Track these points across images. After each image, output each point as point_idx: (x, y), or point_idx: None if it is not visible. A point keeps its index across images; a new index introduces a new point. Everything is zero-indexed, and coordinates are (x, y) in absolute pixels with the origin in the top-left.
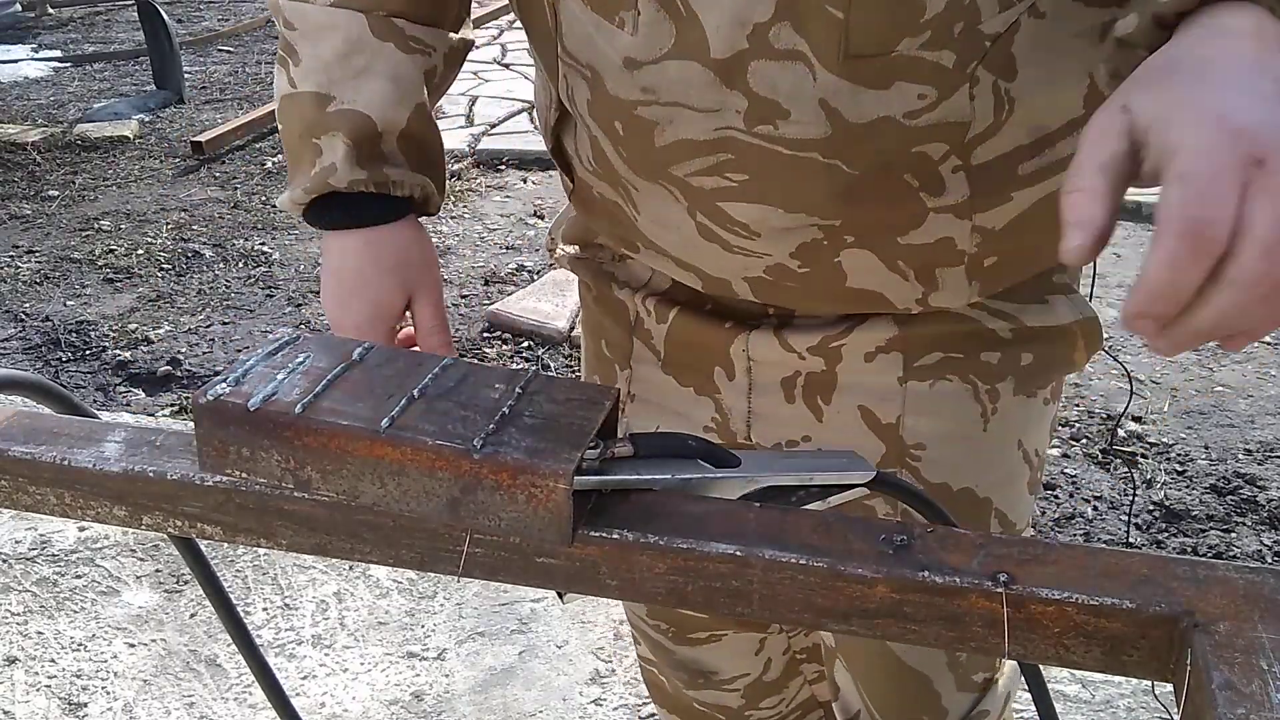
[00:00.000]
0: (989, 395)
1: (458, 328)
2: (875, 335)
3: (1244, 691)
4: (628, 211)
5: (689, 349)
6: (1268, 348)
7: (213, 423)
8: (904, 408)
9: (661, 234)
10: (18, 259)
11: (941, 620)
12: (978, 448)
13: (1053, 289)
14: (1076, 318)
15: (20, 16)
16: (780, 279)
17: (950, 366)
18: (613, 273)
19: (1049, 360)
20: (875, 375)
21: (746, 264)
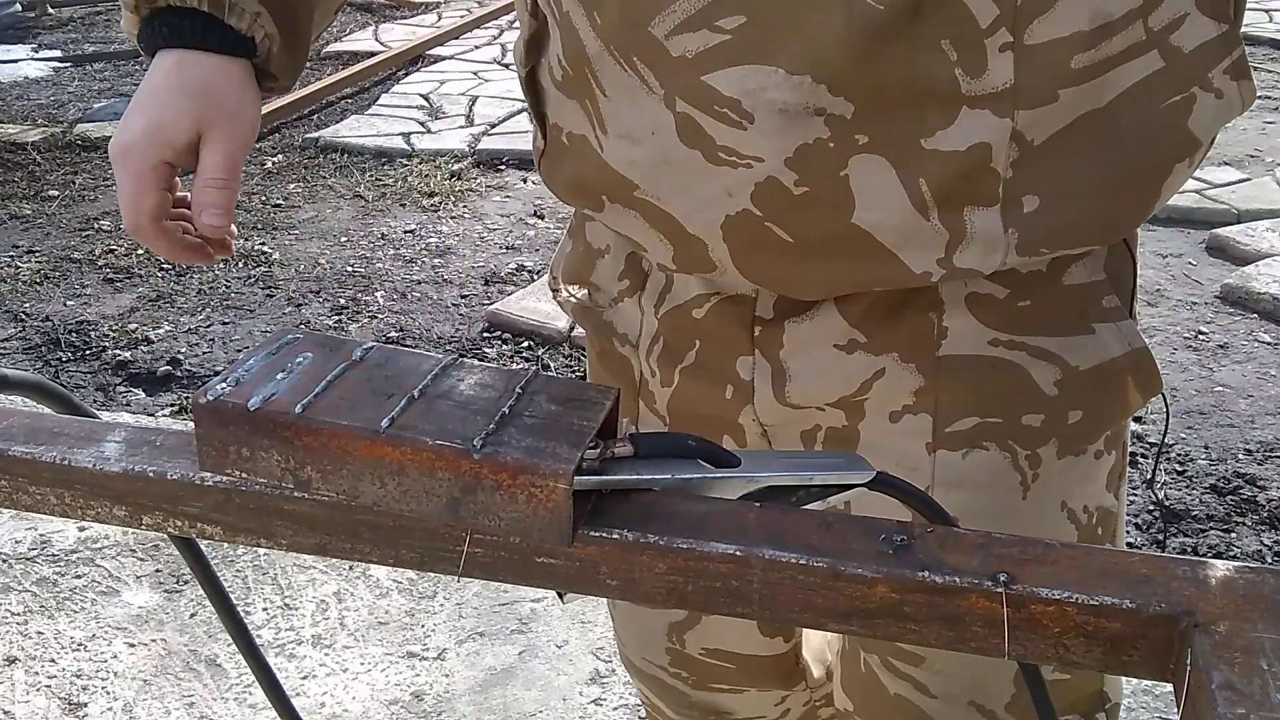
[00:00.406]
0: (1029, 461)
1: (458, 328)
2: (901, 387)
3: (1244, 691)
4: (594, 139)
5: (694, 419)
6: (1268, 348)
7: (213, 423)
8: (933, 479)
9: (630, 156)
10: (18, 259)
11: (941, 620)
12: (1014, 519)
13: (1101, 316)
14: (1125, 349)
15: (20, 16)
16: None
17: (986, 433)
18: (612, 323)
19: (1099, 414)
20: (901, 439)
21: (731, 185)
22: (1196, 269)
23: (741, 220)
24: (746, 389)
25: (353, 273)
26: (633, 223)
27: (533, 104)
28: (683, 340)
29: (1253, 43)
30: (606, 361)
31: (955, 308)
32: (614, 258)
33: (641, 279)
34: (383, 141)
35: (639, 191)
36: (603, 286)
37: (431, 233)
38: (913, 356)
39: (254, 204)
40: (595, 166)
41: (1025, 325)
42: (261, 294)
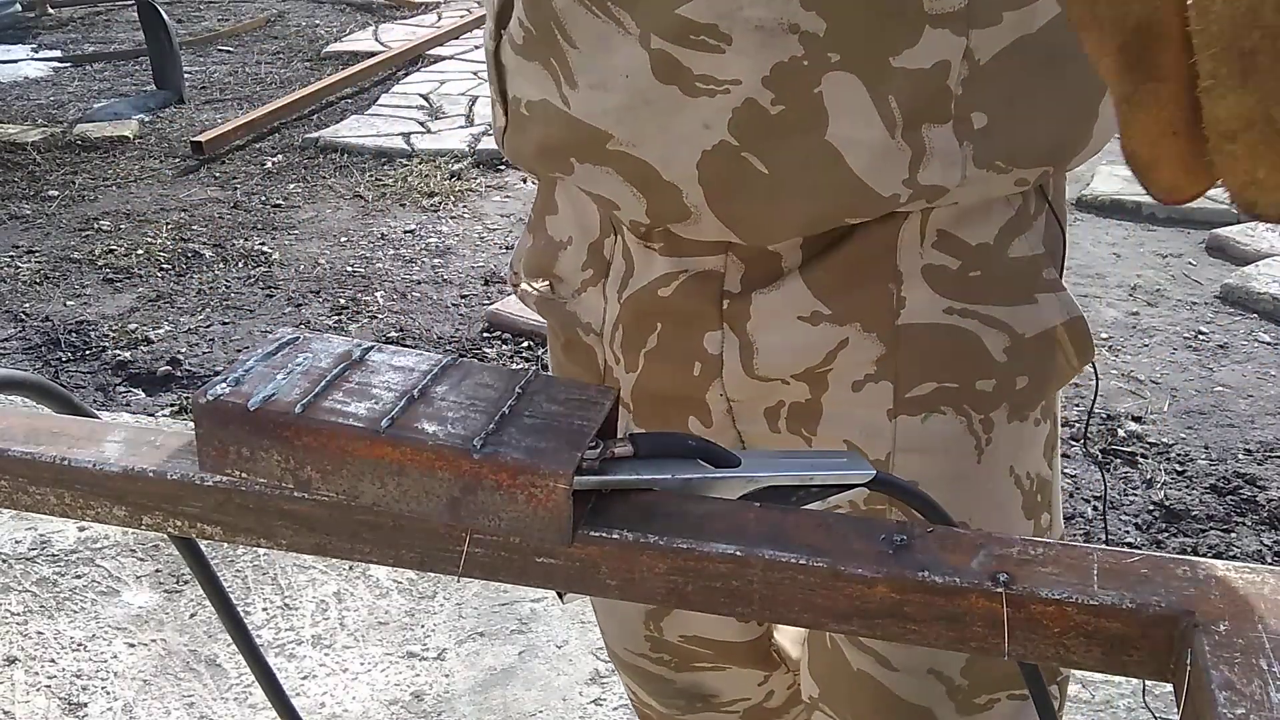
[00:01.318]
0: (983, 425)
1: (458, 328)
2: (863, 356)
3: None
4: (558, 98)
5: (660, 402)
6: (1268, 348)
7: (213, 423)
8: (894, 444)
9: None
10: (18, 259)
11: (941, 620)
12: (970, 483)
13: (1042, 286)
14: (1064, 318)
15: (20, 16)
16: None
17: (944, 398)
18: (575, 313)
19: (1041, 380)
20: (864, 408)
21: (709, 115)
22: (1196, 269)
23: (718, 154)
24: (715, 364)
25: (353, 273)
26: (604, 179)
27: (496, 83)
28: (645, 323)
29: None
30: (571, 352)
31: (912, 278)
32: (576, 249)
33: (604, 267)
34: (383, 141)
35: (611, 142)
36: (565, 278)
37: (431, 233)
38: (874, 326)
39: (254, 204)
40: (562, 126)
41: (976, 294)
42: (261, 294)
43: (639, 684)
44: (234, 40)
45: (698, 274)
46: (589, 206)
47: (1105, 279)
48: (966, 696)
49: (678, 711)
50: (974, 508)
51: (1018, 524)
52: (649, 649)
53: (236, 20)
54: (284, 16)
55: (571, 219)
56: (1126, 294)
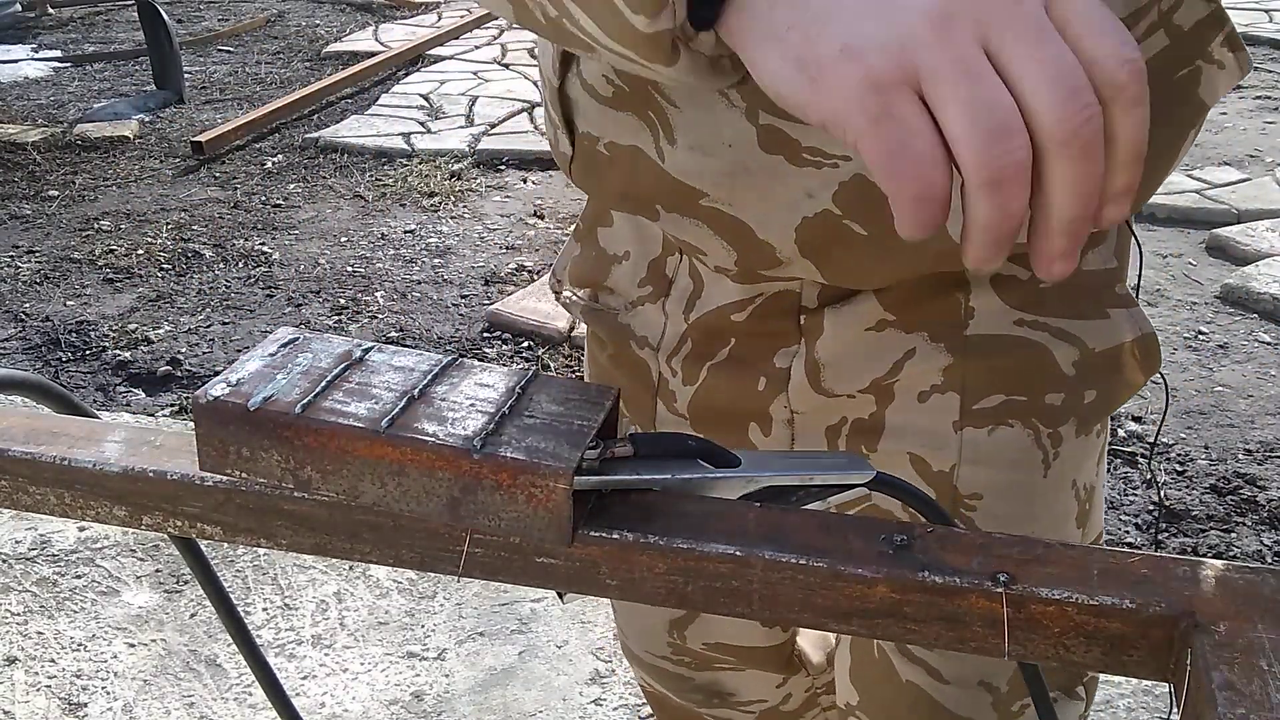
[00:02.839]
0: (1050, 440)
1: (458, 328)
2: (930, 366)
3: (1244, 691)
4: (654, 150)
5: (719, 412)
6: (1268, 348)
7: (213, 423)
8: (960, 456)
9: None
10: (18, 259)
11: (941, 620)
12: (1036, 496)
13: (1115, 301)
14: (1136, 335)
15: (20, 16)
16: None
17: (1012, 411)
18: (629, 325)
19: (1110, 395)
20: (928, 418)
21: (813, 186)
22: (1196, 269)
23: (819, 220)
24: (781, 378)
25: (353, 273)
26: (694, 230)
27: (560, 112)
28: (715, 341)
29: (1253, 43)
30: (621, 363)
31: (981, 288)
32: (634, 264)
33: (665, 285)
34: (383, 141)
35: (706, 200)
36: (619, 290)
37: (431, 233)
38: (942, 336)
39: (254, 204)
40: (653, 177)
41: (1047, 307)
42: (261, 294)
43: (656, 679)
44: (234, 40)
45: (773, 295)
46: (650, 226)
47: None
48: (1006, 704)
49: (694, 705)
50: (1036, 521)
51: (1072, 535)
52: (670, 653)
53: (236, 20)
54: (284, 16)
55: (629, 235)
56: None
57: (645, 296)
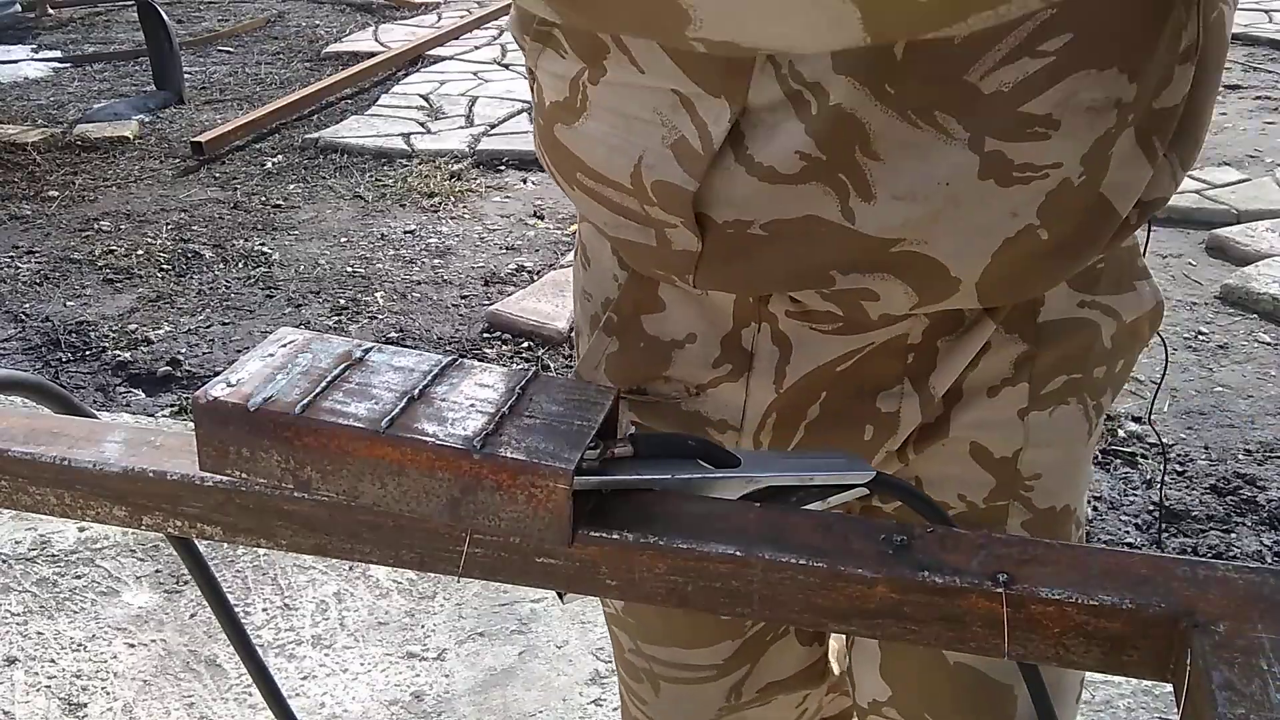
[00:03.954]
0: (1095, 410)
1: (458, 328)
2: (1004, 357)
3: (1244, 691)
4: (838, 212)
5: None
6: (1268, 348)
7: (213, 423)
8: (1027, 440)
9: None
10: (18, 259)
11: (941, 620)
12: (1079, 466)
13: (1139, 274)
14: (1153, 304)
15: (20, 16)
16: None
17: (1070, 389)
18: (699, 412)
19: (1131, 361)
20: (995, 411)
21: (1019, 203)
22: (1196, 269)
23: (1019, 239)
24: (890, 423)
25: (353, 273)
26: (874, 282)
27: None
28: (808, 400)
29: (1253, 43)
30: None
31: None
32: (703, 346)
33: (746, 359)
34: (383, 142)
35: (901, 245)
36: (683, 378)
37: (431, 233)
38: (1016, 326)
39: (254, 204)
40: (833, 244)
41: (1100, 285)
42: (261, 294)
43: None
44: (234, 40)
45: (882, 344)
46: (717, 300)
47: None
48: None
49: None
50: (1074, 490)
51: (1085, 505)
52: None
53: (236, 20)
54: (284, 16)
55: (690, 316)
56: None
57: (722, 377)
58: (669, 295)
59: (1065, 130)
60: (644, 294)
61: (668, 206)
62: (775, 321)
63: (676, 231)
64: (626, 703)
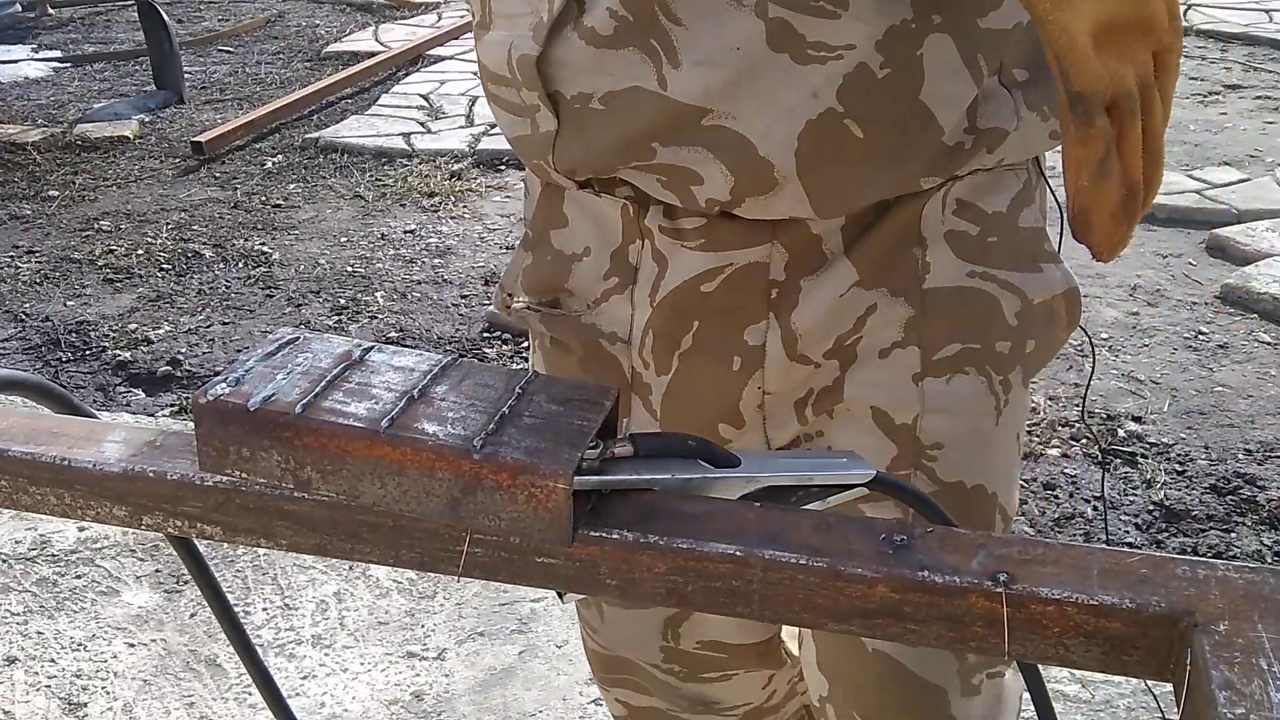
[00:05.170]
0: (1002, 386)
1: (458, 328)
2: (891, 319)
3: (1244, 691)
4: (655, 80)
5: (692, 403)
6: (1268, 348)
7: (213, 423)
8: (923, 406)
9: (707, 82)
10: (18, 259)
11: (941, 620)
12: (990, 443)
13: (1045, 257)
14: (1064, 288)
15: (20, 16)
16: (852, 108)
17: (968, 359)
18: (595, 324)
19: (1045, 346)
20: (890, 373)
21: (818, 84)
22: (1196, 269)
23: (821, 122)
24: (756, 356)
25: (353, 273)
26: (692, 158)
27: (540, 89)
28: (682, 323)
29: (1253, 43)
30: (591, 366)
31: (936, 244)
32: (595, 259)
33: (631, 273)
34: (383, 141)
35: (709, 118)
36: (579, 291)
37: (431, 233)
38: (901, 290)
39: (254, 204)
40: (652, 111)
41: (994, 259)
42: (261, 294)
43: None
44: (234, 40)
45: (743, 267)
46: (609, 214)
47: (1105, 279)
48: (966, 677)
49: (679, 710)
50: (990, 469)
51: (1016, 491)
52: (661, 659)
53: (236, 20)
54: (284, 16)
55: (587, 230)
56: (1126, 294)
57: (610, 290)
58: (571, 210)
59: (854, 11)
60: (553, 209)
61: (528, 82)
62: (653, 238)
63: (541, 115)
64: (584, 635)
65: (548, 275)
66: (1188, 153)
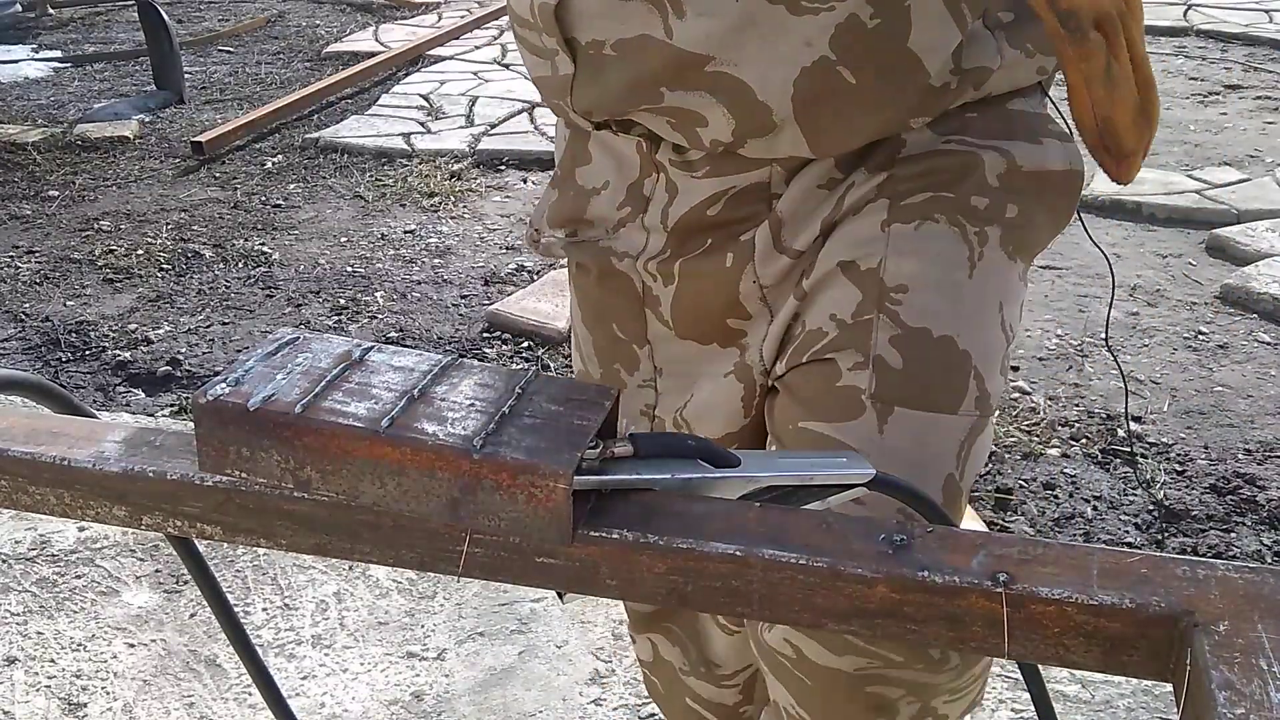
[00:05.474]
0: (977, 238)
1: (458, 328)
2: (866, 187)
3: (1244, 691)
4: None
5: (700, 308)
6: (1268, 348)
7: (213, 423)
8: (887, 249)
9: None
10: (18, 259)
11: (941, 620)
12: (961, 296)
13: (1048, 134)
14: (1064, 165)
15: (20, 16)
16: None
17: (937, 206)
18: (610, 247)
19: (1032, 218)
20: (860, 224)
21: (812, 34)
22: (1196, 269)
23: (815, 69)
24: (746, 248)
25: (353, 273)
26: (697, 102)
27: (559, 34)
28: (692, 241)
29: (1253, 43)
30: (606, 283)
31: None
32: (612, 191)
33: (643, 203)
34: (383, 141)
35: (711, 65)
36: (597, 220)
37: (431, 233)
38: (878, 166)
39: (254, 204)
40: (659, 58)
41: (975, 130)
42: (261, 294)
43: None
44: (234, 40)
45: (745, 188)
46: (627, 152)
47: (1105, 279)
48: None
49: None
50: (963, 326)
51: (999, 374)
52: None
53: (236, 20)
54: (284, 16)
55: (607, 166)
56: (1126, 294)
57: (624, 218)
58: (595, 149)
59: None
60: (578, 149)
61: (547, 28)
62: (666, 171)
63: (559, 59)
64: None
65: (570, 209)
66: (1188, 153)
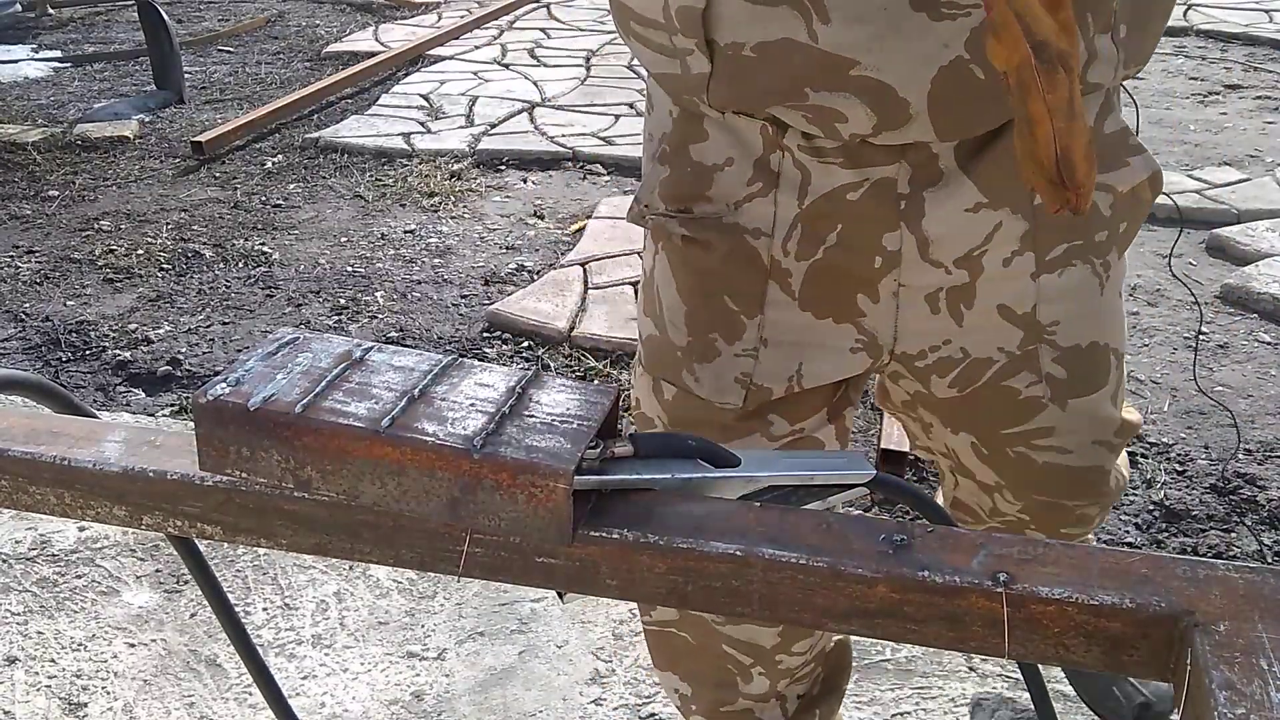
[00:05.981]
0: (1103, 267)
1: (458, 328)
2: (1011, 234)
3: (1244, 691)
4: (806, 34)
5: (833, 282)
6: (1268, 348)
7: (213, 423)
8: (1038, 297)
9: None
10: (18, 259)
11: (941, 620)
12: (1099, 309)
13: (1130, 151)
14: (1148, 174)
15: (20, 16)
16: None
17: (1074, 254)
18: (737, 223)
19: (1135, 221)
20: (1011, 279)
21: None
22: (1196, 269)
23: (951, 69)
24: (894, 258)
25: (353, 273)
26: (841, 101)
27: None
28: (827, 223)
29: (1253, 43)
30: (735, 257)
31: None
32: (738, 168)
33: (774, 178)
34: (383, 141)
35: (856, 69)
36: (720, 197)
37: (431, 233)
38: (1019, 208)
39: (254, 204)
40: (804, 60)
41: None
42: (261, 294)
43: None
44: (234, 40)
45: (878, 181)
46: (748, 130)
47: None
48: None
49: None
50: (1104, 328)
51: (1123, 331)
52: None
53: (236, 20)
54: (284, 16)
55: (728, 143)
56: (1126, 294)
57: (754, 193)
58: (711, 128)
59: None
60: (691, 127)
61: (686, 30)
62: (793, 152)
63: (694, 58)
64: None
65: (688, 185)
66: (1188, 153)
